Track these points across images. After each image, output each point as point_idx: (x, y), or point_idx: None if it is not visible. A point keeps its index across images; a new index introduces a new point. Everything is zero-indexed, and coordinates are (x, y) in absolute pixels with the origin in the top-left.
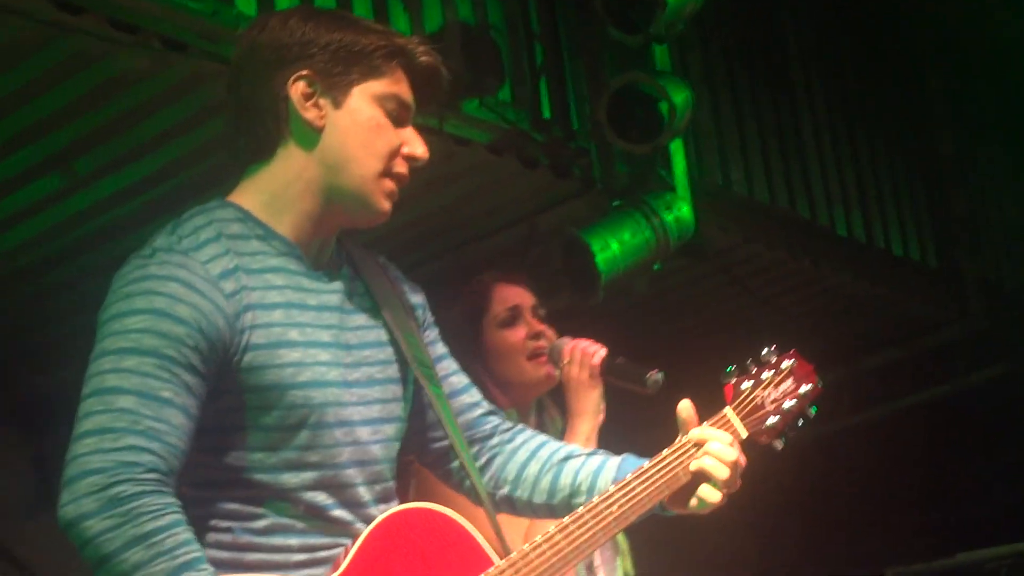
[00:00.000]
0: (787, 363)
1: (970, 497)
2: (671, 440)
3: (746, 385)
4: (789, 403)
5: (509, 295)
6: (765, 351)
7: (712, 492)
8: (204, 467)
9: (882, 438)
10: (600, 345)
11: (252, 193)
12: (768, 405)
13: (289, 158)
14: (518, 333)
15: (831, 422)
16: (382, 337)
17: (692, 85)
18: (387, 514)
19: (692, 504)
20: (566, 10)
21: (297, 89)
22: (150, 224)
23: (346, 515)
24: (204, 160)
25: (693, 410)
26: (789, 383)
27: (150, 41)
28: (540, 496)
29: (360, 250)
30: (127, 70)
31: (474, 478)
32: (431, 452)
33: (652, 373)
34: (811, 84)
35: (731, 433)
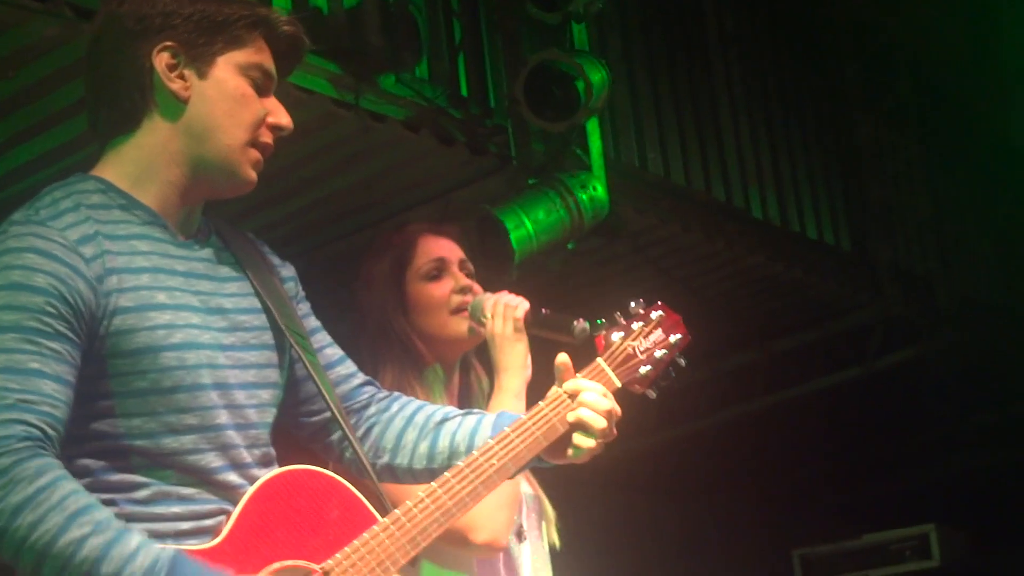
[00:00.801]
0: (656, 314)
1: (878, 479)
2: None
3: (616, 336)
4: (660, 352)
5: (435, 247)
6: (633, 304)
7: (587, 440)
8: (82, 440)
9: (794, 419)
10: (522, 298)
11: (116, 165)
12: (639, 355)
13: (154, 130)
14: (443, 287)
15: (744, 403)
16: (255, 304)
17: (610, 65)
18: (268, 476)
19: (568, 454)
20: None
21: (161, 60)
22: None
23: (233, 477)
24: None
25: (569, 362)
26: (659, 333)
27: (61, 9)
28: (420, 461)
29: (228, 226)
30: (38, 39)
31: (357, 447)
32: (310, 425)
33: (578, 322)
34: (730, 67)
35: (604, 383)
